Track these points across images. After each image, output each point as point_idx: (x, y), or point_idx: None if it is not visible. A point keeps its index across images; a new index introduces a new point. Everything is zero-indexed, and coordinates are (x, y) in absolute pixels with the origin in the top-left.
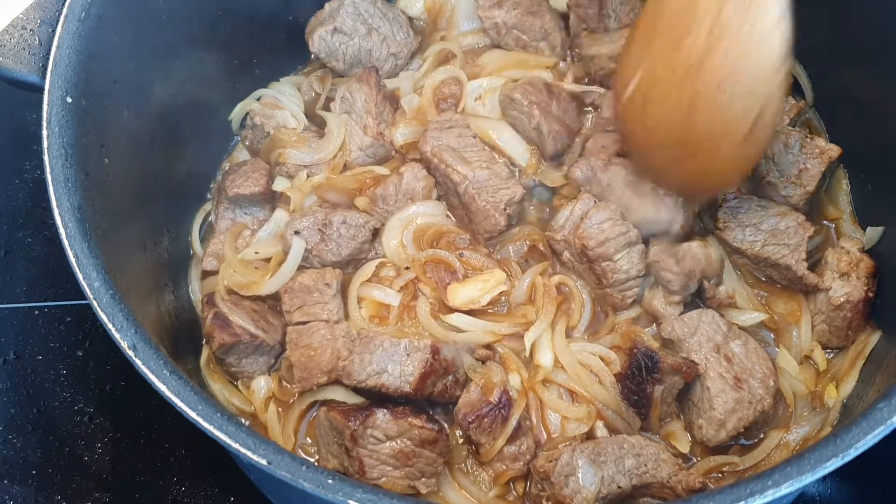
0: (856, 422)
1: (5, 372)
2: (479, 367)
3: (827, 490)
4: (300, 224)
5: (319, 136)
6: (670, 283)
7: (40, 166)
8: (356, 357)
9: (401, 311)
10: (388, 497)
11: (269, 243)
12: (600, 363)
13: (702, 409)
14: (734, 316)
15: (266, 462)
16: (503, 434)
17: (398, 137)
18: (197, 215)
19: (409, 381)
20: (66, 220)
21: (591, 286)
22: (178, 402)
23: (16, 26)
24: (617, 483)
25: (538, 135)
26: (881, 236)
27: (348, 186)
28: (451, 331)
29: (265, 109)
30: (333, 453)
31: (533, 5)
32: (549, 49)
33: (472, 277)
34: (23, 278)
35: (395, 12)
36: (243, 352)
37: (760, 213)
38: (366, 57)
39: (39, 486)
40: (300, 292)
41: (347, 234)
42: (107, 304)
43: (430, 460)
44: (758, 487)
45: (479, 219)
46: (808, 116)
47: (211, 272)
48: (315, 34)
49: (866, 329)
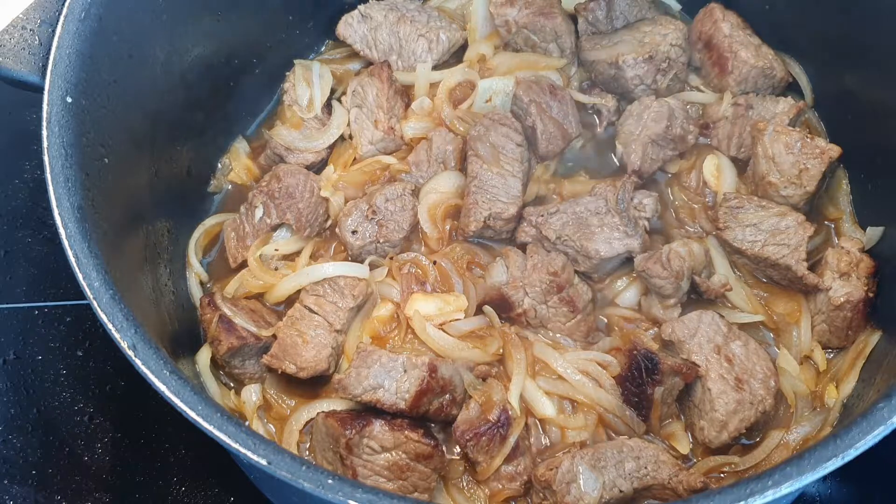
0: (856, 422)
1: (5, 372)
2: (479, 385)
3: (827, 490)
4: (351, 223)
5: (320, 128)
6: (662, 288)
7: (40, 166)
8: (353, 371)
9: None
10: (388, 497)
11: (290, 242)
12: (598, 368)
13: (703, 410)
14: (733, 316)
15: (266, 462)
16: (501, 453)
17: (408, 131)
18: (196, 230)
19: (405, 398)
20: (66, 220)
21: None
22: (178, 402)
23: (16, 26)
24: (618, 487)
25: (532, 133)
26: (881, 236)
27: (358, 180)
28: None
29: (298, 75)
30: (328, 460)
31: (546, 6)
32: (559, 51)
33: (436, 294)
34: (23, 278)
35: (431, 9)
36: (247, 353)
37: (760, 213)
38: (397, 46)
39: (39, 486)
40: (327, 284)
41: (396, 207)
42: (107, 304)
43: (425, 475)
44: (758, 487)
45: (462, 213)
46: (807, 116)
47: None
48: (341, 19)
49: (866, 329)
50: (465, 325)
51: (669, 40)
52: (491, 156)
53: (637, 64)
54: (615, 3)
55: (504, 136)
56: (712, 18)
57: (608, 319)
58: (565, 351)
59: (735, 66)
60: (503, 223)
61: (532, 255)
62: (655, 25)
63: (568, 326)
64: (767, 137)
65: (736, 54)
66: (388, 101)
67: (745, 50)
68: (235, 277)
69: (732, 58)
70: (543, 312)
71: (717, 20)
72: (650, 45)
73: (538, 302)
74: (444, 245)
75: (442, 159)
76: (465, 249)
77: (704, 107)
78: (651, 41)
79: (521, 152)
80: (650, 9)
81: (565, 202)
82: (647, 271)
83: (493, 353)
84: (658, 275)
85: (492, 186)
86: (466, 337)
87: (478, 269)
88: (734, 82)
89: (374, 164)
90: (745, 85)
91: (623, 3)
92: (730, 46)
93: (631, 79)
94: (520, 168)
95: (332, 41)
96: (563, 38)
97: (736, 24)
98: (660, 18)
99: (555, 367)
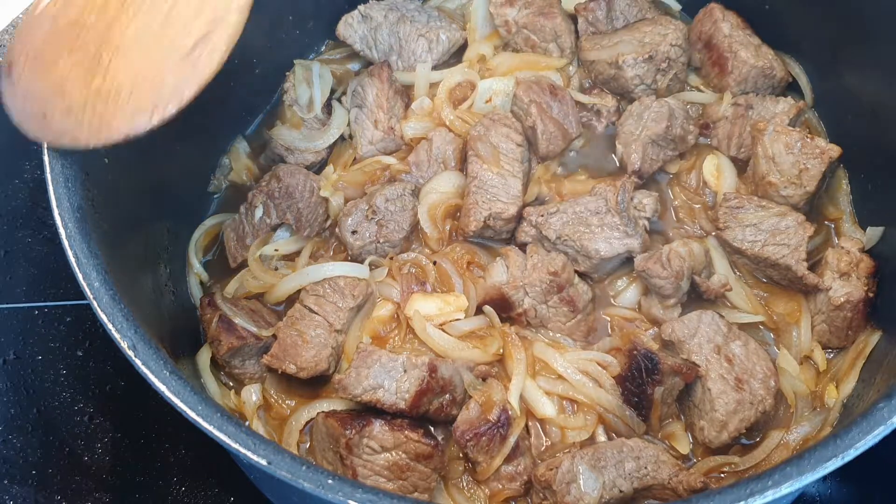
0: (856, 422)
1: (5, 372)
2: (479, 385)
3: (827, 490)
4: (351, 223)
5: (320, 128)
6: (662, 289)
7: (40, 166)
8: (353, 371)
9: (402, 331)
10: (388, 497)
11: (290, 242)
12: (598, 368)
13: (703, 410)
14: (733, 316)
15: (266, 462)
16: (501, 453)
17: (408, 131)
18: (196, 230)
19: (405, 398)
20: (66, 220)
21: (562, 321)
22: (178, 402)
23: (16, 26)
24: (618, 487)
25: (533, 133)
26: (881, 236)
27: (358, 180)
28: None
29: (298, 75)
30: (328, 460)
31: (545, 6)
32: (559, 51)
33: (436, 294)
34: (23, 278)
35: (431, 9)
36: (247, 353)
37: (760, 213)
38: (397, 46)
39: (39, 486)
40: (328, 285)
41: (396, 207)
42: (107, 304)
43: (425, 475)
44: (758, 487)
45: (462, 213)
46: (807, 116)
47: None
48: (341, 20)
49: (866, 329)
50: (465, 325)
51: (669, 40)
52: (491, 156)
53: (637, 64)
54: (615, 3)
55: (504, 136)
56: (712, 18)
57: (608, 319)
58: (565, 351)
59: (735, 66)
60: (503, 223)
61: (532, 255)
62: (655, 25)
63: (568, 326)
64: (767, 137)
65: (736, 54)
66: (388, 102)
67: (745, 50)
68: (235, 277)
69: (732, 58)
70: (543, 312)
71: (717, 20)
72: (650, 45)
73: (538, 302)
74: (444, 245)
75: (442, 159)
76: (465, 249)
77: (704, 107)
78: (651, 41)
79: (521, 152)
80: (650, 9)
81: (565, 202)
82: (647, 271)
83: (493, 353)
84: (658, 275)
85: (492, 186)
86: (466, 337)
87: (478, 269)
88: (734, 82)
89: (374, 164)
90: (745, 85)
91: (623, 3)
92: (730, 46)
93: (631, 79)
94: (520, 168)
95: (332, 41)
96: (563, 38)
97: (736, 24)
98: (660, 18)
99: (555, 367)
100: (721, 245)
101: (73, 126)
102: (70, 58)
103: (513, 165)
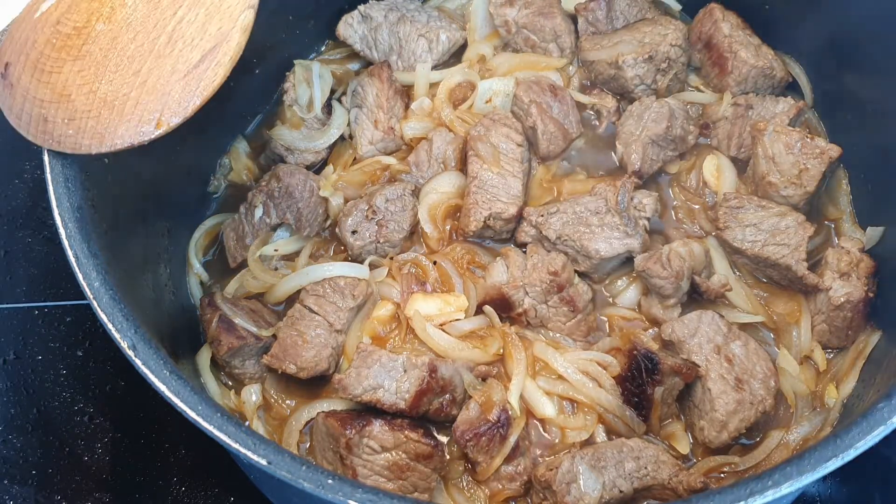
0: (856, 422)
1: (5, 372)
2: (478, 385)
3: (827, 490)
4: (351, 223)
5: (320, 128)
6: (662, 289)
7: (40, 166)
8: (353, 371)
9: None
10: (388, 497)
11: (290, 242)
12: (598, 368)
13: (703, 410)
14: (733, 316)
15: (266, 462)
16: (501, 454)
17: (408, 131)
18: (196, 230)
19: (405, 398)
20: (66, 220)
21: (562, 321)
22: (178, 402)
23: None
24: (618, 487)
25: (533, 133)
26: (881, 236)
27: (358, 180)
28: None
29: (298, 76)
30: (328, 460)
31: (545, 6)
32: (559, 51)
33: (436, 294)
34: (23, 278)
35: (431, 9)
36: (247, 353)
37: (760, 213)
38: (397, 46)
39: (39, 486)
40: (328, 285)
41: (396, 207)
42: (107, 304)
43: (424, 475)
44: (758, 487)
45: (462, 213)
46: (807, 116)
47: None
48: (341, 20)
49: (866, 329)
50: (466, 325)
51: (669, 40)
52: (491, 156)
53: (637, 64)
54: (615, 3)
55: (504, 136)
56: (712, 18)
57: (608, 319)
58: (565, 351)
59: (735, 66)
60: (503, 223)
61: (532, 255)
62: (655, 25)
63: (568, 326)
64: (767, 137)
65: (736, 54)
66: (387, 102)
67: (745, 50)
68: (235, 277)
69: (732, 58)
70: (543, 312)
71: (717, 20)
72: (650, 45)
73: (538, 302)
74: (444, 245)
75: (442, 159)
76: (465, 249)
77: (704, 107)
78: (651, 41)
79: (521, 152)
80: (650, 9)
81: (565, 202)
82: (647, 271)
83: (493, 353)
84: (658, 275)
85: (492, 186)
86: (466, 337)
87: (478, 269)
88: (734, 82)
89: (374, 164)
90: (745, 85)
91: (623, 3)
92: (730, 46)
93: (631, 79)
94: (520, 168)
95: (332, 41)
96: (563, 38)
97: (736, 24)
98: (660, 18)
99: (555, 367)
100: (721, 245)
101: (76, 132)
102: (75, 64)
103: (513, 165)
